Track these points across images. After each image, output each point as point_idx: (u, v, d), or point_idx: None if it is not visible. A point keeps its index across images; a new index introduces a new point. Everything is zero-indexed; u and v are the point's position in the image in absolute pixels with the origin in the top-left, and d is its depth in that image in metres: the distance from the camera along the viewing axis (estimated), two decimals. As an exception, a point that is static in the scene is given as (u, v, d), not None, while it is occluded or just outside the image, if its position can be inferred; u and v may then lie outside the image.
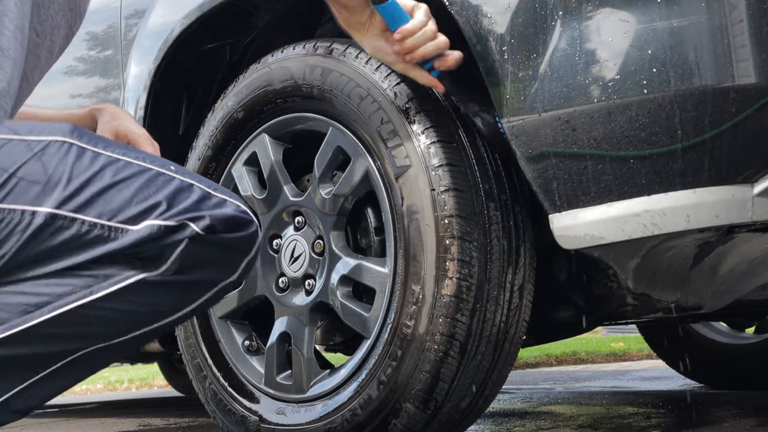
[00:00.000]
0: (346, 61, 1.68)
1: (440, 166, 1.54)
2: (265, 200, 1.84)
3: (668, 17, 1.37)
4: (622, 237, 1.44)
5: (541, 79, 1.46)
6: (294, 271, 1.80)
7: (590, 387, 3.83)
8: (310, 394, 1.73)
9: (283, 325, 1.79)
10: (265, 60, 1.84)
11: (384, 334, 1.60)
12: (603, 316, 1.77)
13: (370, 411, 1.60)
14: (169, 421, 3.13)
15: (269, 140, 1.84)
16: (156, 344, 2.70)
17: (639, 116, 1.39)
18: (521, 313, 1.61)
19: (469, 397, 1.61)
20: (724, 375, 3.28)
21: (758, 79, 1.35)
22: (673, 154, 1.39)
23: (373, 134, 1.62)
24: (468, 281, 1.51)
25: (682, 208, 1.40)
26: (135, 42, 2.19)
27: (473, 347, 1.54)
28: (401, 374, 1.56)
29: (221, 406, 1.86)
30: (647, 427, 2.16)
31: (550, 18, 1.45)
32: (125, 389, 7.32)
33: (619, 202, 1.43)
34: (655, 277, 1.59)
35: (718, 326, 3.32)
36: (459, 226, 1.52)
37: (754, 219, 1.40)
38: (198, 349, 1.92)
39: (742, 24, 1.35)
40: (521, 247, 1.59)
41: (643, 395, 3.26)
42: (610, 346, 7.02)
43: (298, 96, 1.77)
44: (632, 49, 1.39)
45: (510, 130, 1.50)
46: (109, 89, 2.29)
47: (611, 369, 5.38)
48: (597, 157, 1.43)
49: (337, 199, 1.71)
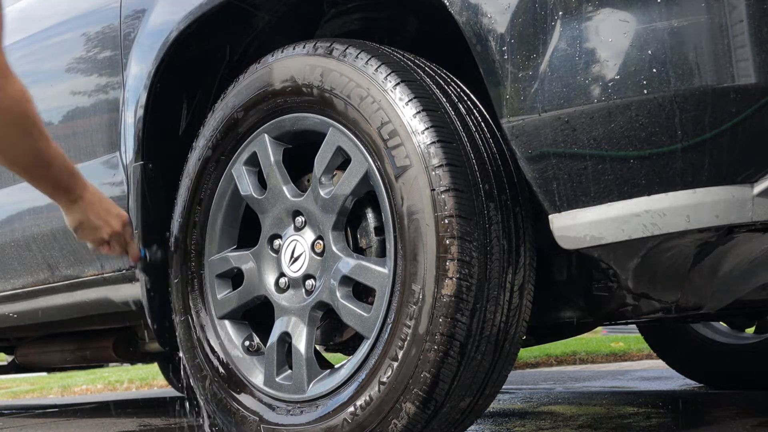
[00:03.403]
0: (347, 61, 1.68)
1: (440, 166, 1.54)
2: (265, 200, 1.84)
3: (668, 17, 1.37)
4: (622, 237, 1.44)
5: (541, 79, 1.46)
6: (294, 272, 1.80)
7: (590, 387, 3.83)
8: (310, 394, 1.73)
9: (283, 325, 1.79)
10: (265, 60, 1.84)
11: (384, 334, 1.60)
12: (603, 316, 1.77)
13: (370, 411, 1.60)
14: (169, 421, 3.13)
15: (269, 140, 1.84)
16: (156, 344, 2.70)
17: (639, 116, 1.39)
18: (521, 313, 1.61)
19: (469, 397, 1.61)
20: (724, 375, 3.28)
21: (758, 79, 1.35)
22: (673, 154, 1.39)
23: (373, 134, 1.62)
24: (468, 281, 1.51)
25: (682, 208, 1.40)
26: (135, 42, 2.19)
27: (473, 347, 1.54)
28: (401, 374, 1.56)
29: (221, 406, 1.86)
30: (647, 427, 2.16)
31: (550, 18, 1.45)
32: (125, 389, 7.31)
33: (619, 203, 1.43)
34: (655, 277, 1.59)
35: (718, 326, 3.32)
36: (459, 226, 1.52)
37: (754, 219, 1.40)
38: (198, 349, 1.92)
39: (742, 24, 1.35)
40: (521, 247, 1.59)
41: (643, 395, 3.26)
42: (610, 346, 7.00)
43: (298, 96, 1.76)
44: (632, 49, 1.39)
45: (510, 130, 1.50)
46: (109, 89, 2.29)
47: (611, 369, 5.37)
48: (597, 157, 1.43)
49: (337, 199, 1.71)
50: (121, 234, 1.94)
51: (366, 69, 1.65)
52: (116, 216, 1.92)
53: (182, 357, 1.97)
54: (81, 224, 1.89)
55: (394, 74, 1.62)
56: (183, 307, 1.96)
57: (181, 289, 1.97)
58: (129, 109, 2.14)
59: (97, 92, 2.36)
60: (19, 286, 2.62)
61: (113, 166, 2.27)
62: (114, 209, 1.92)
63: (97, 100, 2.34)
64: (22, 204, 2.59)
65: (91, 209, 1.87)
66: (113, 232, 1.92)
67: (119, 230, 1.93)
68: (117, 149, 2.24)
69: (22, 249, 2.56)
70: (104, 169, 2.30)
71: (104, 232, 1.91)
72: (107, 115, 2.30)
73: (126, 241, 1.97)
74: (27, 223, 2.55)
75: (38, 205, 2.52)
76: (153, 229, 2.08)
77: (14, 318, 2.78)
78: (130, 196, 2.14)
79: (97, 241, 1.93)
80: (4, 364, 4.15)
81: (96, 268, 2.36)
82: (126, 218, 1.95)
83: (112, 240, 1.94)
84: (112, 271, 2.32)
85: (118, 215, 1.92)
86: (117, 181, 2.25)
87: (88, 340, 3.32)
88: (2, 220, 2.66)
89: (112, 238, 1.93)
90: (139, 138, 2.09)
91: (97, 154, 2.32)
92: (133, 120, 2.11)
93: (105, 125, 2.31)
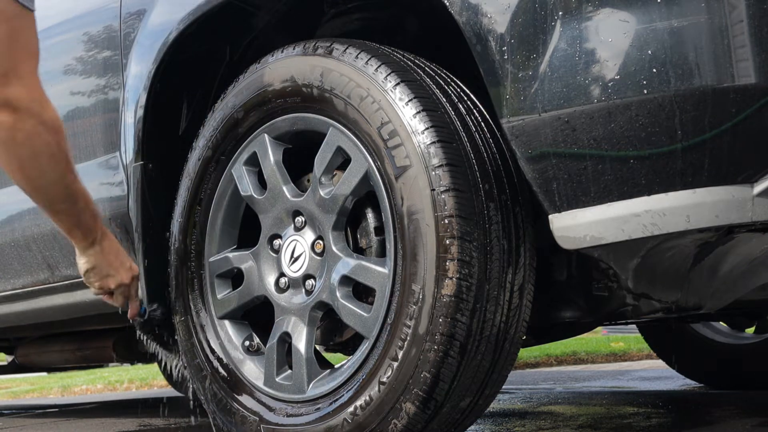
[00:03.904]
0: (346, 61, 1.68)
1: (440, 166, 1.54)
2: (265, 200, 1.84)
3: (668, 17, 1.37)
4: (622, 237, 1.44)
5: (541, 79, 1.46)
6: (294, 272, 1.80)
7: (590, 387, 3.83)
8: (310, 394, 1.73)
9: (283, 325, 1.79)
10: (265, 60, 1.84)
11: (384, 334, 1.60)
12: (603, 316, 1.77)
13: (370, 411, 1.60)
14: (169, 421, 3.13)
15: (269, 140, 1.84)
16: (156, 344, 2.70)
17: (639, 116, 1.39)
18: (521, 313, 1.61)
19: (469, 397, 1.61)
20: (724, 375, 3.27)
21: (758, 79, 1.35)
22: (673, 154, 1.39)
23: (373, 134, 1.62)
24: (468, 281, 1.51)
25: (682, 208, 1.40)
26: (135, 42, 2.19)
27: (473, 347, 1.54)
28: (401, 374, 1.56)
29: (221, 406, 1.86)
30: (647, 427, 2.16)
31: (550, 18, 1.45)
32: (125, 389, 7.31)
33: (619, 203, 1.43)
34: (655, 277, 1.59)
35: (718, 326, 3.32)
36: (459, 226, 1.52)
37: (754, 219, 1.40)
38: (198, 350, 1.92)
39: (742, 24, 1.35)
40: (521, 247, 1.59)
41: (643, 395, 3.26)
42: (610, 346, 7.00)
43: (298, 96, 1.76)
44: (632, 49, 1.39)
45: (510, 130, 1.50)
46: (108, 89, 2.29)
47: (611, 369, 5.37)
48: (597, 157, 1.43)
49: (337, 199, 1.71)
50: (128, 287, 1.95)
51: (366, 69, 1.65)
52: (128, 269, 1.93)
53: (182, 357, 1.98)
54: (93, 269, 1.89)
55: (394, 74, 1.62)
56: (183, 308, 1.96)
57: (181, 289, 1.97)
58: (129, 109, 2.13)
59: (96, 92, 2.36)
60: (19, 286, 2.62)
61: (113, 166, 2.27)
62: (127, 261, 1.93)
63: (97, 100, 2.34)
64: (22, 204, 2.59)
65: (106, 257, 1.88)
66: (121, 284, 1.93)
67: (127, 283, 1.94)
68: (117, 149, 2.24)
69: (22, 249, 2.56)
70: (104, 170, 2.30)
71: (112, 282, 1.92)
72: (107, 115, 2.30)
73: (131, 295, 1.97)
74: (27, 223, 2.55)
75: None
76: (153, 229, 2.08)
77: (14, 318, 2.78)
78: (130, 196, 2.14)
79: (103, 288, 1.94)
80: (4, 364, 4.15)
81: (96, 268, 2.36)
82: (137, 272, 1.96)
83: (116, 291, 1.95)
84: (112, 271, 2.32)
85: (130, 268, 1.94)
86: (117, 182, 2.25)
87: (88, 340, 3.32)
88: (2, 220, 2.66)
89: (118, 289, 1.94)
90: (139, 138, 2.09)
91: (97, 155, 2.32)
92: (133, 120, 2.11)
93: (105, 125, 2.31)
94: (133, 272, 1.94)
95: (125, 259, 1.93)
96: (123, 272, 1.92)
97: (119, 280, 1.92)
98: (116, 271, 1.91)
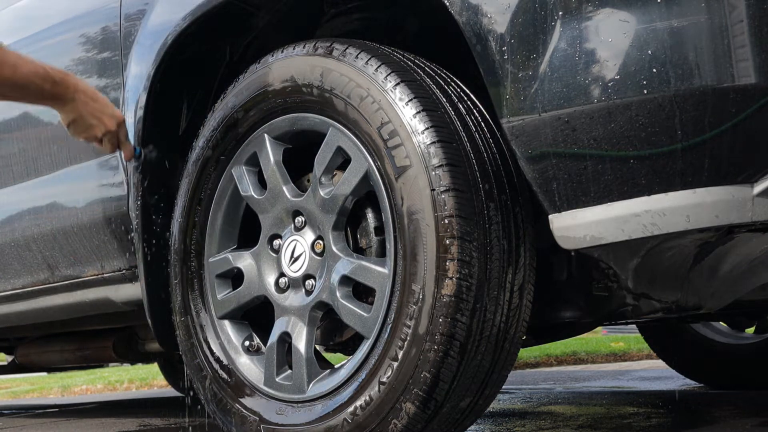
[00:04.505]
0: (346, 60, 1.68)
1: (440, 166, 1.54)
2: (265, 200, 1.84)
3: (668, 17, 1.37)
4: (622, 237, 1.44)
5: (541, 79, 1.46)
6: (294, 272, 1.80)
7: (590, 387, 3.83)
8: (310, 394, 1.73)
9: (283, 325, 1.79)
10: (265, 60, 1.84)
11: (384, 334, 1.60)
12: (603, 316, 1.77)
13: (370, 411, 1.60)
14: (169, 421, 3.13)
15: (269, 140, 1.84)
16: (156, 344, 2.70)
17: (639, 116, 1.39)
18: (521, 313, 1.61)
19: (469, 397, 1.61)
20: (724, 375, 3.28)
21: (758, 79, 1.35)
22: (673, 154, 1.39)
23: (373, 134, 1.62)
24: (468, 281, 1.51)
25: (682, 208, 1.40)
26: (135, 42, 2.19)
27: (473, 347, 1.54)
28: (401, 374, 1.56)
29: (221, 406, 1.86)
30: (647, 427, 2.16)
31: (550, 18, 1.45)
32: (125, 389, 7.31)
33: (619, 203, 1.43)
34: (655, 277, 1.59)
35: (718, 326, 3.32)
36: (459, 226, 1.52)
37: (754, 219, 1.40)
38: (198, 350, 1.92)
39: (742, 24, 1.35)
40: (521, 247, 1.59)
41: (643, 395, 3.26)
42: (610, 346, 7.00)
43: (298, 96, 1.76)
44: (632, 49, 1.39)
45: (510, 130, 1.50)
46: (108, 89, 2.29)
47: (611, 369, 5.37)
48: (597, 157, 1.43)
49: (337, 199, 1.71)
50: (115, 133, 1.99)
51: (366, 69, 1.65)
52: (111, 116, 1.97)
53: (182, 356, 1.98)
54: (74, 121, 1.94)
55: (394, 74, 1.62)
56: (183, 307, 1.96)
57: (181, 289, 1.97)
58: (129, 109, 2.13)
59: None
60: (19, 286, 2.62)
61: (113, 166, 2.27)
62: (109, 109, 1.97)
63: (97, 100, 2.34)
64: (22, 204, 2.59)
65: (84, 108, 1.91)
66: (107, 131, 1.97)
67: (113, 129, 1.98)
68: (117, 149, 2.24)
69: (22, 249, 2.56)
70: (104, 170, 2.30)
71: (98, 131, 1.97)
72: (107, 115, 2.30)
73: (120, 141, 2.02)
74: (27, 223, 2.55)
75: (38, 205, 2.52)
76: (153, 229, 2.08)
77: (14, 318, 2.78)
78: (130, 196, 2.14)
79: (90, 139, 1.99)
80: (4, 364, 4.15)
81: (96, 268, 2.36)
82: (121, 119, 1.99)
83: (104, 138, 1.99)
84: (112, 271, 2.32)
85: (112, 115, 1.97)
86: (117, 182, 2.25)
87: (88, 340, 3.32)
88: (2, 220, 2.66)
89: (106, 136, 1.99)
90: (139, 138, 2.09)
91: (98, 155, 2.32)
92: (133, 120, 2.11)
93: (105, 125, 2.31)
94: (116, 118, 1.98)
95: (106, 107, 1.96)
96: (106, 119, 1.96)
97: (105, 128, 1.97)
98: (98, 120, 1.95)
